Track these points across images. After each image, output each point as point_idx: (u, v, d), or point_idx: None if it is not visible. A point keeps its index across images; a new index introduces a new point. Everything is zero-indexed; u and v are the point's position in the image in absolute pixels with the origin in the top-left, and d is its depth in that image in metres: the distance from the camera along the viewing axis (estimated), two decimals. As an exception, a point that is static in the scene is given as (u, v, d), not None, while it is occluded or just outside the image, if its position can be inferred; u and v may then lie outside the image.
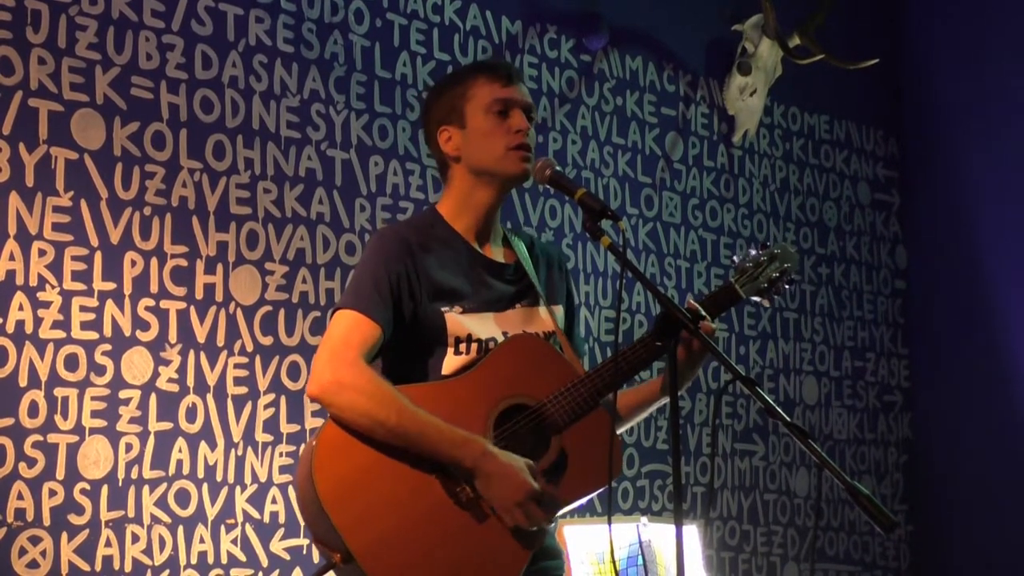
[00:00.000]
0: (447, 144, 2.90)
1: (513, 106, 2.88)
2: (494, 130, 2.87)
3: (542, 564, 2.82)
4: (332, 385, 2.69)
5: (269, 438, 3.91)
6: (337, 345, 2.72)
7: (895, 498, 5.83)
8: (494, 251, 2.93)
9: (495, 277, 2.89)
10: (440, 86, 3.01)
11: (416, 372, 2.81)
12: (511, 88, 2.89)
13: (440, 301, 2.81)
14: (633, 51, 5.07)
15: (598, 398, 2.80)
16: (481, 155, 2.88)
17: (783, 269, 2.91)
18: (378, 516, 2.66)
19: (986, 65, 5.85)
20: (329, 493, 2.65)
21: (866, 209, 5.90)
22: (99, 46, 3.69)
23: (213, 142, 3.89)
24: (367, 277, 2.79)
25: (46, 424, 3.50)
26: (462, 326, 2.81)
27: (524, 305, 2.90)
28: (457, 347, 2.81)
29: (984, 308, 5.75)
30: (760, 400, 2.44)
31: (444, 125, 2.91)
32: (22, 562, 3.43)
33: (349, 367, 2.69)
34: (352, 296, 2.78)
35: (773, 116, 5.55)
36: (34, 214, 3.53)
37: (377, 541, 2.65)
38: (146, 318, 3.70)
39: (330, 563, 2.68)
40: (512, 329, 2.86)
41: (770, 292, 2.91)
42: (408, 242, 2.83)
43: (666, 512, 4.86)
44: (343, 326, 2.75)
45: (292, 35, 4.10)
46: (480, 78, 2.90)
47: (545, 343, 2.88)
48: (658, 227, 5.07)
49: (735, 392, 5.22)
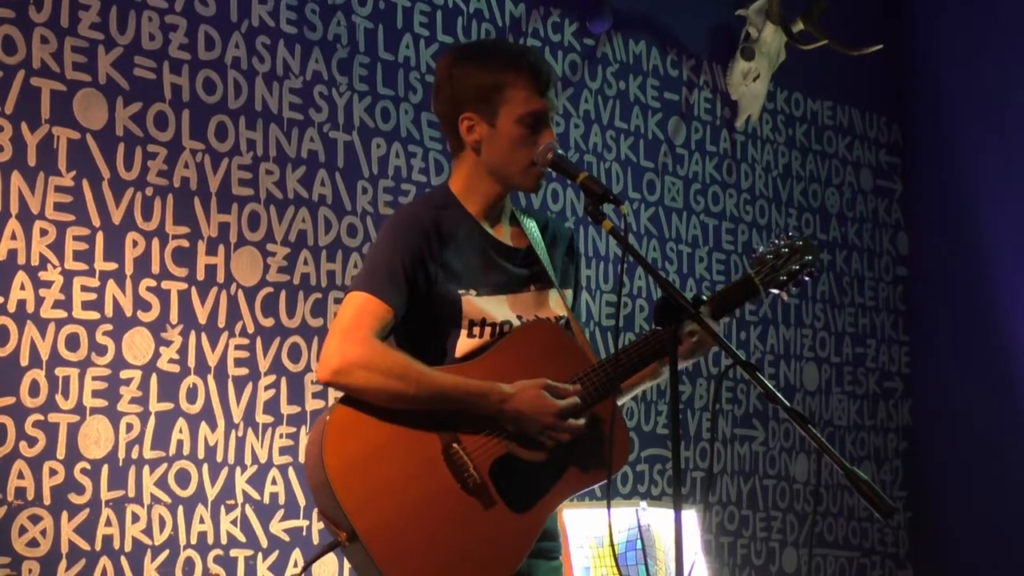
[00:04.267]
0: (468, 133, 2.84)
1: (544, 119, 2.82)
2: (523, 142, 2.81)
3: (541, 544, 2.83)
4: (343, 367, 2.68)
5: (269, 419, 3.91)
6: (347, 327, 2.72)
7: (894, 484, 5.84)
8: (504, 232, 2.92)
9: (507, 260, 2.88)
10: (469, 63, 2.86)
11: (429, 353, 2.81)
12: (547, 98, 2.82)
13: (455, 283, 2.80)
14: (636, 35, 5.06)
15: (609, 388, 2.80)
16: (502, 161, 2.84)
17: (804, 262, 2.87)
18: (384, 498, 2.67)
19: (990, 52, 5.83)
20: (337, 473, 2.65)
21: (868, 195, 5.90)
22: (102, 26, 3.69)
23: (215, 123, 3.89)
24: (381, 258, 2.78)
25: (47, 404, 3.51)
26: (477, 309, 2.80)
27: (537, 288, 2.89)
28: (471, 330, 2.81)
29: (985, 295, 5.75)
30: (760, 385, 2.43)
31: (470, 112, 2.83)
32: (22, 541, 3.44)
33: (359, 345, 2.69)
34: (364, 278, 2.77)
35: (776, 102, 5.54)
36: (36, 194, 3.53)
37: (382, 522, 2.66)
38: (147, 299, 3.70)
39: (336, 541, 2.69)
40: (525, 312, 2.86)
41: (788, 285, 2.88)
42: (424, 223, 2.81)
43: (665, 497, 4.87)
44: (353, 308, 2.74)
45: (295, 16, 4.10)
46: (522, 80, 2.81)
47: (560, 330, 2.88)
48: (660, 212, 5.07)
49: (735, 377, 5.22)
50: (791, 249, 2.87)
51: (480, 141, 2.84)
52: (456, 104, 2.85)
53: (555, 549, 2.91)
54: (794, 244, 2.88)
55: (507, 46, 3.29)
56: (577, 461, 2.79)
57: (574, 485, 2.80)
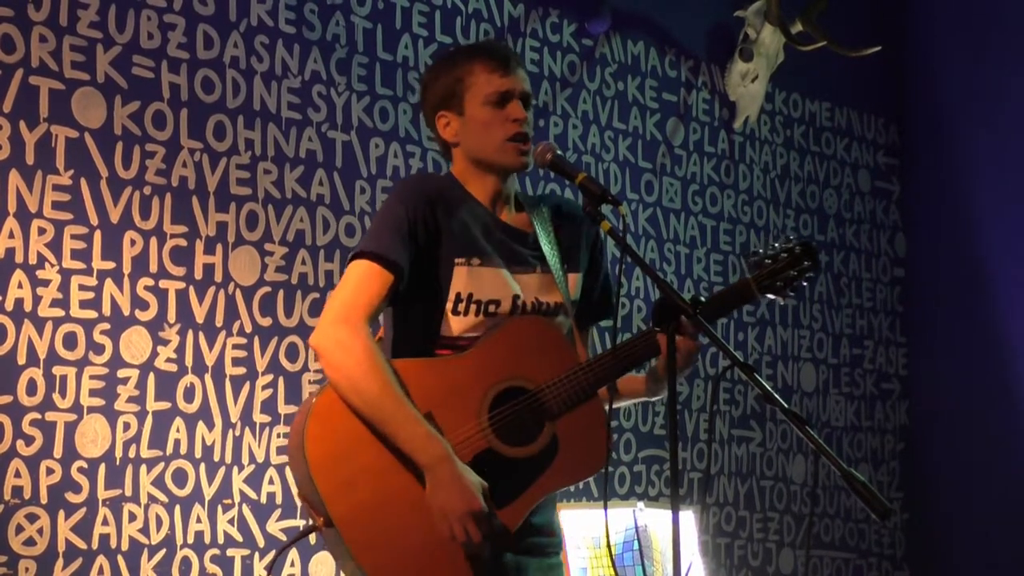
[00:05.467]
0: (446, 130, 2.91)
1: (511, 96, 2.87)
2: (491, 121, 2.86)
3: (535, 539, 2.83)
4: (330, 341, 2.71)
5: (267, 419, 3.91)
6: (347, 301, 2.73)
7: (892, 486, 5.84)
8: (510, 217, 2.93)
9: (515, 241, 2.89)
10: (437, 69, 2.98)
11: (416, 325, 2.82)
12: (510, 77, 2.88)
13: (453, 251, 2.81)
14: (635, 36, 5.06)
15: (596, 388, 2.80)
16: (479, 145, 2.88)
17: (802, 267, 2.82)
18: (360, 485, 2.68)
19: (988, 54, 5.84)
20: (317, 458, 2.67)
21: (866, 197, 5.90)
22: (100, 24, 3.69)
23: (214, 122, 3.89)
24: (386, 220, 2.80)
25: (44, 402, 3.50)
26: (466, 282, 2.81)
27: (544, 270, 2.90)
28: (456, 305, 2.81)
29: (983, 297, 5.75)
30: (758, 386, 2.43)
31: (442, 110, 2.91)
32: (19, 539, 3.43)
33: (351, 328, 2.70)
34: (368, 239, 2.79)
35: (774, 102, 5.54)
36: (34, 192, 3.53)
37: (356, 509, 2.67)
38: (145, 297, 3.70)
39: (313, 525, 2.70)
40: (527, 292, 2.86)
41: (785, 291, 2.83)
42: (430, 190, 2.85)
43: (663, 497, 4.87)
44: (355, 279, 2.75)
45: (294, 16, 4.10)
46: (478, 65, 2.88)
47: (551, 326, 2.87)
48: (658, 212, 5.07)
49: (733, 378, 5.22)
50: (790, 254, 2.83)
51: (457, 134, 2.90)
52: (433, 108, 2.93)
53: (551, 545, 2.90)
54: (793, 249, 2.84)
55: (466, 46, 3.37)
56: (560, 458, 2.78)
57: (555, 482, 2.79)
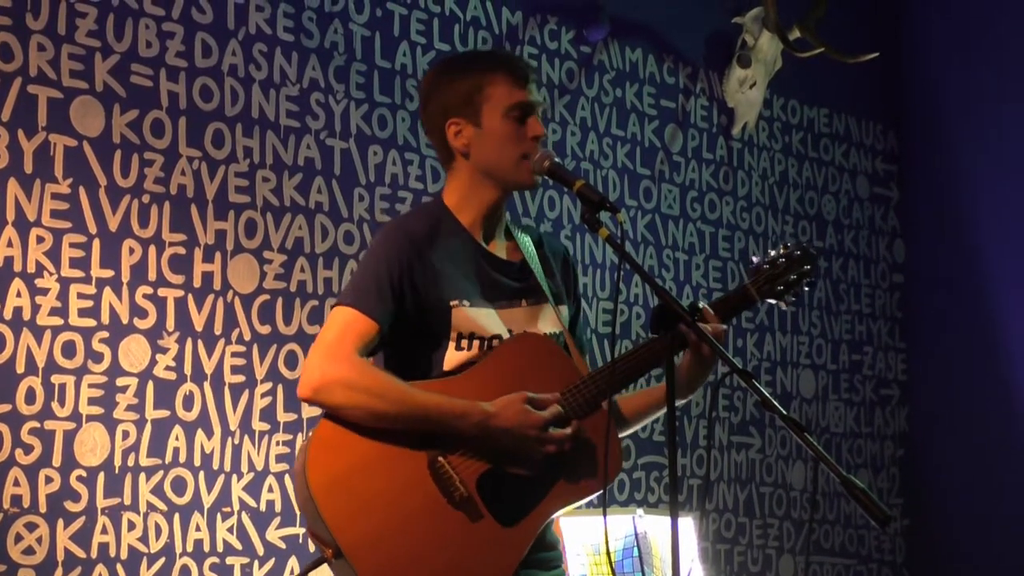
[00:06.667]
0: (456, 138, 2.83)
1: (531, 111, 2.82)
2: (510, 135, 2.80)
3: (539, 555, 2.81)
4: (324, 385, 2.66)
5: (266, 427, 3.91)
6: (331, 343, 2.69)
7: (891, 492, 5.84)
8: (499, 247, 2.89)
9: (501, 274, 2.85)
10: (451, 71, 2.89)
11: (417, 366, 2.79)
12: (531, 92, 2.83)
13: (446, 294, 2.77)
14: (633, 43, 5.06)
15: (600, 400, 2.77)
16: (494, 159, 2.82)
17: (802, 272, 2.83)
18: (369, 513, 2.65)
19: (986, 60, 5.84)
20: (321, 489, 2.63)
21: (865, 203, 5.90)
22: (99, 33, 3.69)
23: (212, 130, 3.89)
24: (367, 273, 2.75)
25: (43, 411, 3.50)
26: (468, 321, 2.77)
27: (530, 303, 2.87)
28: (459, 343, 2.78)
29: (982, 302, 5.75)
30: (757, 393, 2.42)
31: (455, 117, 2.83)
32: (18, 548, 3.43)
33: (341, 363, 2.67)
34: (350, 292, 2.75)
35: (772, 109, 5.55)
36: (32, 201, 3.53)
37: (367, 538, 2.63)
38: (144, 306, 3.70)
39: (323, 557, 2.68)
40: (516, 327, 2.83)
41: (786, 295, 2.84)
42: (413, 234, 2.78)
43: (662, 504, 4.86)
44: (337, 324, 2.72)
45: (292, 24, 4.10)
46: (500, 76, 2.82)
47: (551, 342, 2.85)
48: (656, 219, 5.07)
49: (732, 385, 5.22)
50: (789, 259, 2.84)
51: (469, 144, 2.83)
52: (442, 114, 2.85)
53: (554, 559, 2.88)
54: (792, 254, 2.85)
55: (483, 52, 3.31)
56: (566, 474, 2.76)
57: (564, 498, 2.77)
